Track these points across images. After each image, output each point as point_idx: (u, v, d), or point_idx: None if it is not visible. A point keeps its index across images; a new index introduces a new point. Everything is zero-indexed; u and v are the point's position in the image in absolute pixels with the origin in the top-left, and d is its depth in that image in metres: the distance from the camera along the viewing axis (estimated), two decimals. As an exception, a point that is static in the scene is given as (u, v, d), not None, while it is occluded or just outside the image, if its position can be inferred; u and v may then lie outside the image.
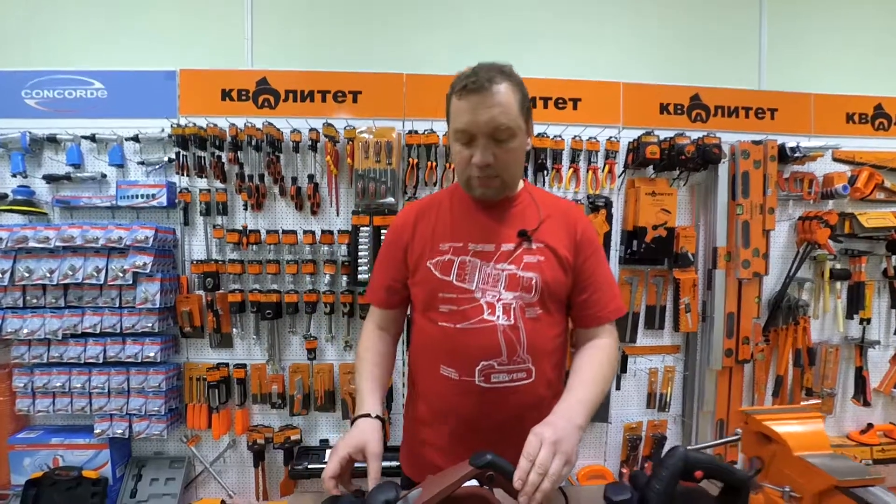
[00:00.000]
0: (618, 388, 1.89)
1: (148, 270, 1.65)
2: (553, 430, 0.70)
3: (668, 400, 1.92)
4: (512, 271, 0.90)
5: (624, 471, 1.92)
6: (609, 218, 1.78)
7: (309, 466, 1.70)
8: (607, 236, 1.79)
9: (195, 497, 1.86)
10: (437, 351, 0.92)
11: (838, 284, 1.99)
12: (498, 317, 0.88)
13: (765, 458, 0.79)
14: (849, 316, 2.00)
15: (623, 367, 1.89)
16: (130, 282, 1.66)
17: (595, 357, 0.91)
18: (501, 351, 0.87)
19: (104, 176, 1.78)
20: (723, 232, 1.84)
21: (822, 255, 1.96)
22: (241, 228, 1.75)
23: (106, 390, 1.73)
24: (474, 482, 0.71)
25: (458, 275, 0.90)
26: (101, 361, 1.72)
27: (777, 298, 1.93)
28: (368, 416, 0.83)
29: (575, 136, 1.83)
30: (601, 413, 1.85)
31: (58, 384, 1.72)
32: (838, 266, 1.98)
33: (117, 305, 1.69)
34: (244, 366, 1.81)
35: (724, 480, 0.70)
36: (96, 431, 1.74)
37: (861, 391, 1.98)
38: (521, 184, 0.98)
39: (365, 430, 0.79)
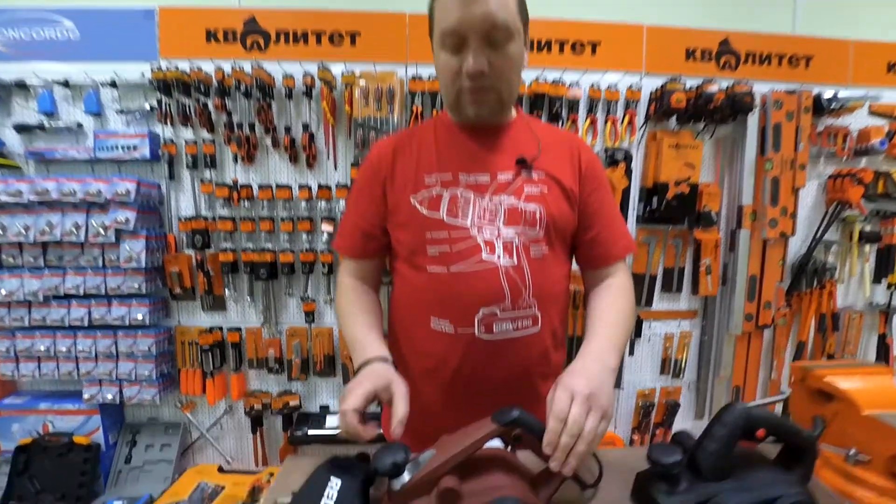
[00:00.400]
0: (631, 353, 1.81)
1: (131, 227, 1.53)
2: (586, 381, 0.59)
3: (682, 366, 1.84)
4: (512, 203, 0.77)
5: (635, 437, 1.86)
6: (628, 172, 1.65)
7: (309, 432, 1.62)
8: (625, 193, 1.66)
9: (192, 463, 1.80)
10: (427, 302, 0.78)
11: (867, 247, 1.88)
12: (499, 256, 0.75)
13: (826, 418, 0.70)
14: (876, 280, 1.90)
15: (637, 333, 1.80)
16: (113, 240, 1.55)
17: (615, 297, 0.80)
18: (504, 295, 0.75)
19: (80, 126, 1.64)
20: (749, 189, 1.71)
21: (851, 216, 1.84)
22: (231, 183, 1.62)
23: (93, 354, 1.64)
24: (496, 442, 0.61)
25: (449, 210, 0.77)
26: (86, 325, 1.62)
27: (802, 261, 1.83)
28: (383, 359, 0.70)
29: (593, 84, 1.68)
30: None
31: (41, 348, 1.63)
32: (868, 228, 1.86)
33: (100, 265, 1.58)
34: (239, 329, 1.71)
35: (789, 441, 0.60)
36: (85, 397, 1.66)
37: (883, 359, 1.90)
38: (513, 111, 0.85)
39: (383, 370, 0.68)
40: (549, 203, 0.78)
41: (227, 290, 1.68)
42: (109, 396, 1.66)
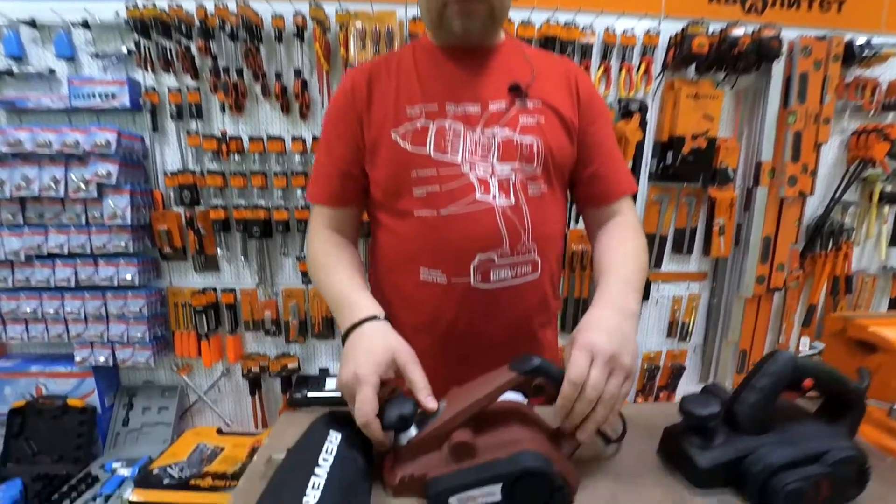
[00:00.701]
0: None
1: (114, 181, 1.43)
2: (607, 338, 0.52)
3: (689, 329, 1.80)
4: (507, 136, 0.69)
5: (638, 400, 1.84)
6: (643, 125, 1.55)
7: (309, 394, 1.57)
8: (639, 147, 1.57)
9: (191, 426, 1.78)
10: (415, 251, 0.70)
11: (886, 209, 1.81)
12: (494, 196, 0.68)
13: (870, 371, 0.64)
14: (892, 243, 1.84)
15: (645, 295, 1.75)
16: (95, 195, 1.45)
17: (626, 235, 0.73)
18: (502, 240, 0.67)
19: (52, 72, 1.51)
20: (769, 144, 1.62)
21: (873, 175, 1.76)
22: (219, 135, 1.51)
23: (82, 316, 1.58)
24: (512, 395, 0.55)
25: (437, 144, 0.68)
26: (73, 285, 1.55)
27: (819, 222, 1.76)
28: (374, 318, 0.61)
29: (608, 28, 1.55)
30: (620, 342, 1.73)
31: (28, 310, 1.56)
32: (889, 188, 1.78)
33: (83, 223, 1.50)
34: (233, 290, 1.65)
35: (836, 392, 0.55)
36: (77, 359, 1.62)
37: (894, 322, 1.87)
38: (501, 33, 0.76)
39: (379, 336, 0.58)
40: (546, 135, 0.70)
41: (219, 249, 1.60)
42: (102, 359, 1.61)
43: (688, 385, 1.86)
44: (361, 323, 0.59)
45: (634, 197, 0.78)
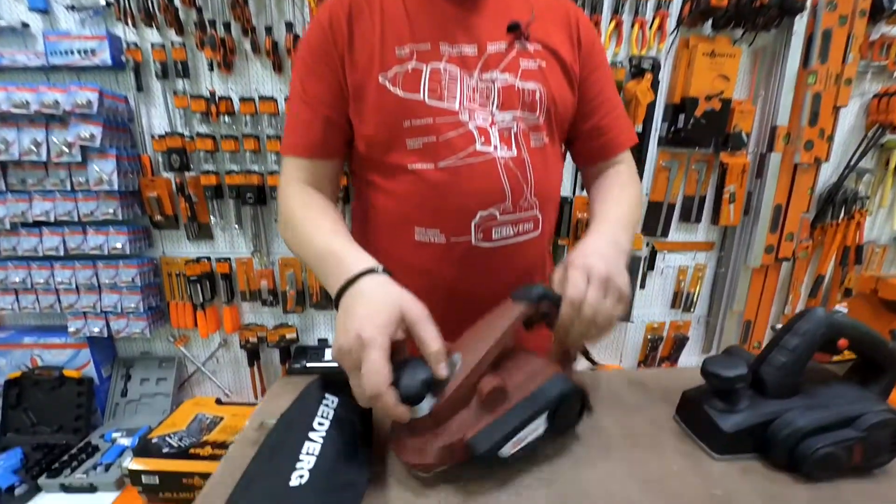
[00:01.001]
0: (642, 286, 1.73)
1: (97, 144, 1.36)
2: (603, 261, 0.52)
3: (694, 300, 1.77)
4: (507, 82, 0.63)
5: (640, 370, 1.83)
6: (655, 85, 1.47)
7: (308, 364, 1.55)
8: (650, 109, 1.49)
9: (190, 396, 1.77)
10: (409, 210, 0.64)
11: (901, 176, 1.75)
12: (495, 146, 0.62)
13: None
14: (905, 212, 1.79)
15: (650, 265, 1.71)
16: (79, 159, 1.38)
17: (623, 183, 0.72)
18: (505, 194, 0.63)
19: (26, 26, 1.41)
20: (786, 107, 1.54)
21: (891, 142, 1.69)
22: (208, 95, 1.43)
23: (73, 286, 1.54)
24: None
25: (432, 89, 0.61)
26: (62, 254, 1.50)
27: (832, 190, 1.70)
28: (372, 271, 0.50)
29: (620, -21, 1.45)
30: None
31: (17, 279, 1.52)
32: (906, 155, 1.72)
33: (69, 189, 1.43)
34: (228, 260, 1.60)
35: (871, 353, 0.51)
36: (70, 330, 1.58)
37: (901, 293, 1.84)
38: None
39: (381, 290, 0.48)
40: (549, 82, 0.65)
41: (212, 217, 1.55)
42: (96, 330, 1.58)
43: (689, 356, 1.85)
44: (357, 278, 0.49)
45: (634, 149, 0.75)
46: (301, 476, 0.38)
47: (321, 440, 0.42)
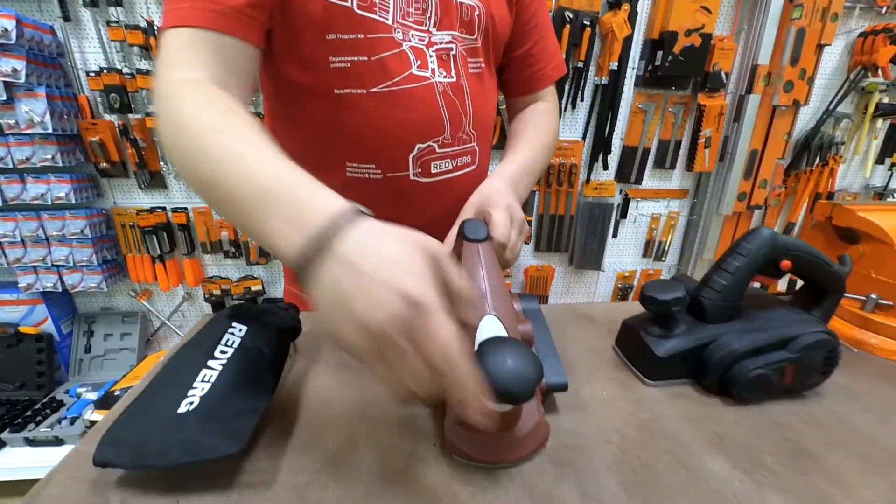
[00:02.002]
0: (615, 235, 1.71)
1: (22, 79, 1.23)
2: (517, 205, 0.55)
3: (665, 248, 1.76)
4: None
5: (610, 320, 1.86)
6: (632, 18, 1.37)
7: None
8: (626, 44, 1.40)
9: (157, 351, 1.74)
10: (339, 142, 0.56)
11: (879, 123, 1.72)
12: (433, 71, 0.56)
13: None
14: (879, 160, 1.78)
15: (623, 213, 1.68)
16: (4, 97, 1.26)
17: (544, 121, 0.70)
18: (444, 125, 0.58)
19: (-74, -60, 1.23)
20: (769, 45, 1.47)
21: (872, 85, 1.64)
22: (145, 25, 1.29)
23: (18, 239, 1.45)
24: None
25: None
26: (0, 205, 1.40)
27: (809, 135, 1.67)
28: (362, 213, 0.33)
29: None
30: (594, 261, 1.70)
31: (-47, 231, 1.43)
32: (886, 100, 1.68)
33: (-2, 131, 1.32)
34: (185, 210, 1.52)
35: (816, 276, 0.49)
36: (21, 285, 1.51)
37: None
38: None
39: (397, 236, 0.32)
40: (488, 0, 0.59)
41: (163, 164, 1.45)
42: (49, 284, 1.52)
43: (659, 304, 1.87)
44: (347, 222, 0.31)
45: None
46: (191, 402, 0.35)
47: (220, 367, 0.39)
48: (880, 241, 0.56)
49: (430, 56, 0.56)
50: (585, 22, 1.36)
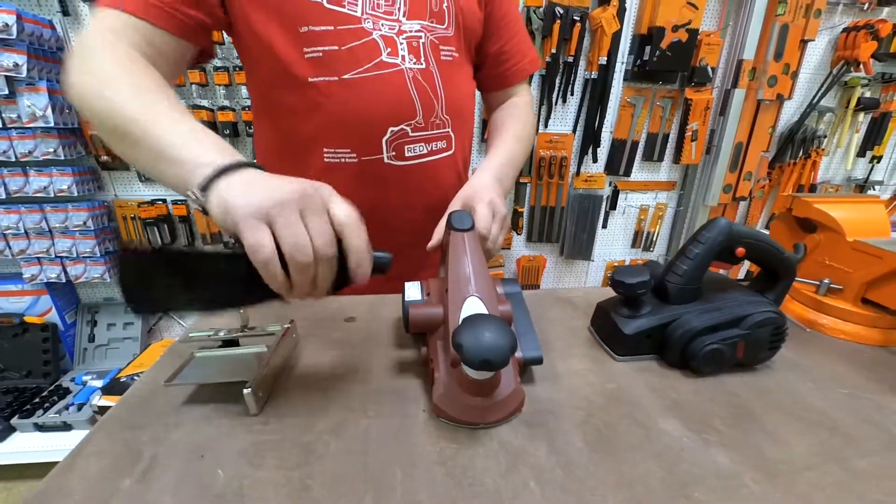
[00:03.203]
0: (604, 226, 1.76)
1: (24, 74, 1.26)
2: (501, 201, 0.59)
3: (654, 239, 1.82)
4: None
5: (600, 308, 1.92)
6: (621, 13, 1.41)
7: (273, 306, 1.58)
8: (615, 40, 1.44)
9: (159, 340, 1.79)
10: (316, 128, 0.60)
11: (861, 116, 1.77)
12: (403, 58, 0.60)
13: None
14: (860, 153, 1.83)
15: (612, 204, 1.73)
16: (6, 91, 1.29)
17: (520, 115, 0.74)
18: (415, 109, 0.61)
19: (-75, -65, 1.25)
20: (754, 40, 1.51)
21: (854, 79, 1.69)
22: (142, 21, 1.32)
23: (22, 231, 1.49)
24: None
25: None
26: (3, 197, 1.44)
27: (792, 129, 1.72)
28: (250, 165, 0.39)
29: None
30: (584, 251, 1.75)
31: (-42, 224, 1.46)
32: (868, 94, 1.73)
33: (0, 126, 1.34)
34: (185, 202, 1.56)
35: (769, 262, 0.54)
36: (26, 276, 1.55)
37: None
38: None
39: (278, 177, 0.38)
40: None
41: (162, 157, 1.48)
42: (53, 275, 1.56)
43: (648, 293, 1.93)
44: (231, 168, 0.38)
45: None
46: None
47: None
48: (833, 230, 0.61)
49: (401, 44, 0.60)
50: (575, 17, 1.40)
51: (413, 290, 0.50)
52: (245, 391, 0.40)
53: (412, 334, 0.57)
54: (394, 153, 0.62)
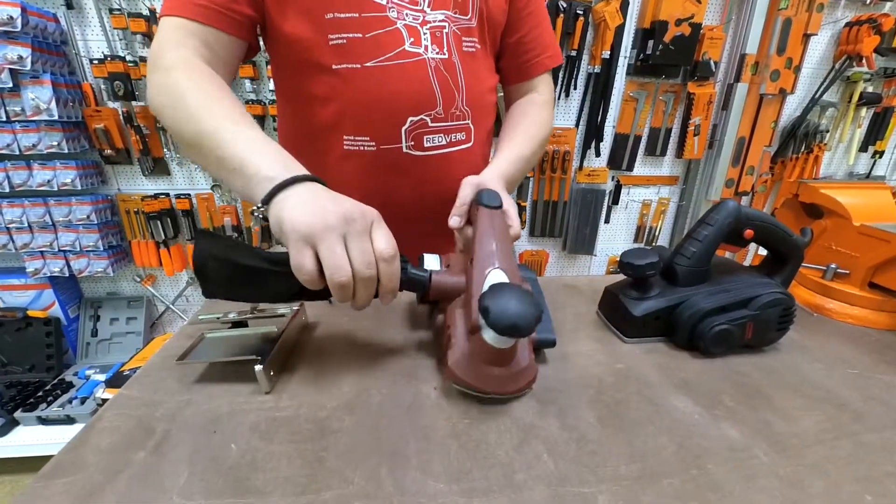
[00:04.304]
0: (607, 221, 1.77)
1: (28, 66, 1.26)
2: (510, 202, 0.57)
3: (656, 234, 1.82)
4: None
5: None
6: (624, 7, 1.41)
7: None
8: (618, 34, 1.44)
9: (162, 335, 1.79)
10: (336, 114, 0.61)
11: (863, 111, 1.77)
12: (426, 47, 0.60)
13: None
14: (863, 148, 1.83)
15: (615, 199, 1.73)
16: (10, 84, 1.29)
17: (538, 112, 0.72)
18: (436, 99, 0.61)
19: (-71, -72, 1.25)
20: (757, 34, 1.51)
21: (857, 74, 1.69)
22: (147, 13, 1.32)
23: (26, 224, 1.49)
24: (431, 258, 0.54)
25: None
26: (7, 191, 1.44)
27: (795, 124, 1.72)
28: (313, 179, 0.43)
29: None
30: (586, 246, 1.75)
31: (-38, 218, 1.46)
32: (870, 89, 1.73)
33: (4, 119, 1.34)
34: (188, 195, 1.56)
35: (777, 245, 0.54)
36: (29, 270, 1.55)
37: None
38: None
39: (329, 197, 0.41)
40: None
41: (166, 150, 1.48)
42: (56, 269, 1.56)
43: (650, 288, 1.93)
44: (293, 182, 0.41)
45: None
46: None
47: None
48: (840, 215, 0.61)
49: (424, 34, 0.60)
50: (579, 11, 1.40)
51: (432, 261, 0.50)
52: (257, 368, 0.41)
53: (424, 314, 0.57)
54: (412, 143, 0.62)
